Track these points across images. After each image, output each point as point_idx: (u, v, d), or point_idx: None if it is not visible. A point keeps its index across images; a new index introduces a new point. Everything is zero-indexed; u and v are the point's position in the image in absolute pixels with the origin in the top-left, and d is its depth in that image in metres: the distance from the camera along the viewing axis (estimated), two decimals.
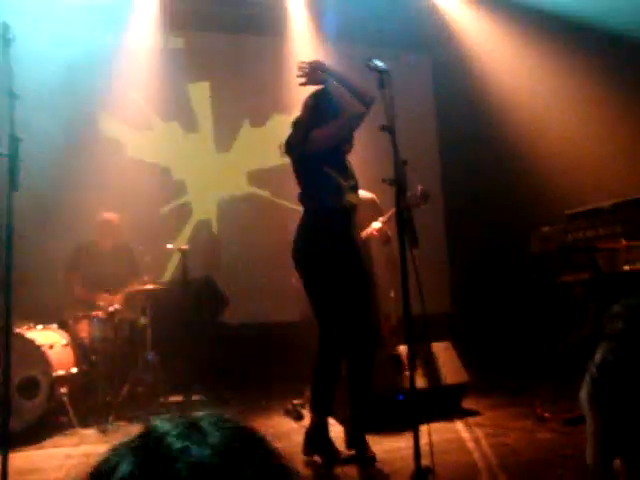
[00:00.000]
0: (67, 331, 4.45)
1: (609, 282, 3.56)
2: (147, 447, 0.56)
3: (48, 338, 4.21)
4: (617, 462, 0.66)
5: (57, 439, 3.88)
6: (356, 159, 3.52)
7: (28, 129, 2.82)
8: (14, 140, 2.54)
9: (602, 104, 5.34)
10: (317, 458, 3.22)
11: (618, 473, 0.66)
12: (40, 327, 4.30)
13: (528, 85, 6.16)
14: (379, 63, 2.67)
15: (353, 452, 3.22)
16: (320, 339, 3.23)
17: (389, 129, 2.50)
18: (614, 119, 5.20)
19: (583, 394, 0.72)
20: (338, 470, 3.12)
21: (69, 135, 5.74)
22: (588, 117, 5.42)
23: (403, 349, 4.01)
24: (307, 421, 4.02)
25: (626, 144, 4.92)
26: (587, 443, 0.72)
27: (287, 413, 4.34)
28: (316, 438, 3.25)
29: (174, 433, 0.57)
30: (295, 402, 4.34)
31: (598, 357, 0.70)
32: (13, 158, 2.52)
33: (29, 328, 4.19)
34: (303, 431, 3.83)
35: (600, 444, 0.68)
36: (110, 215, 5.17)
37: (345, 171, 3.29)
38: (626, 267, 3.54)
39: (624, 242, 3.41)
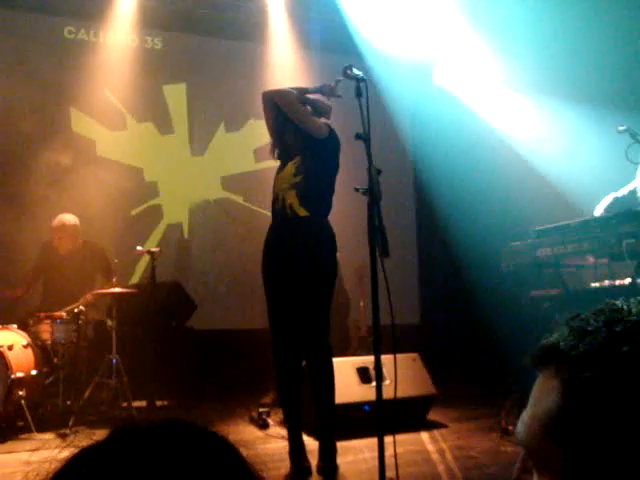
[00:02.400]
0: (27, 332, 4.32)
1: (576, 298, 3.61)
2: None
3: (7, 339, 4.08)
4: None
5: (12, 444, 3.75)
6: None
7: None
8: None
9: (574, 121, 5.44)
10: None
11: None
12: None
13: (504, 100, 6.25)
14: (357, 71, 2.67)
15: (320, 463, 3.18)
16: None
17: (364, 137, 2.50)
18: (586, 138, 5.30)
19: (534, 431, 0.66)
20: None
21: (38, 129, 5.63)
22: (561, 135, 5.52)
23: (371, 359, 4.00)
24: (272, 430, 3.99)
25: (596, 164, 5.02)
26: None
27: (252, 421, 4.29)
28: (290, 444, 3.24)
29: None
30: (261, 410, 4.29)
31: (562, 385, 0.65)
32: None
33: None
34: (268, 440, 3.80)
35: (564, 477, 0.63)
36: (65, 218, 4.94)
37: None
38: (593, 284, 3.59)
39: (591, 259, 3.47)
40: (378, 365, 2.46)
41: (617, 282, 3.41)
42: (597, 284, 3.45)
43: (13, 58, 5.62)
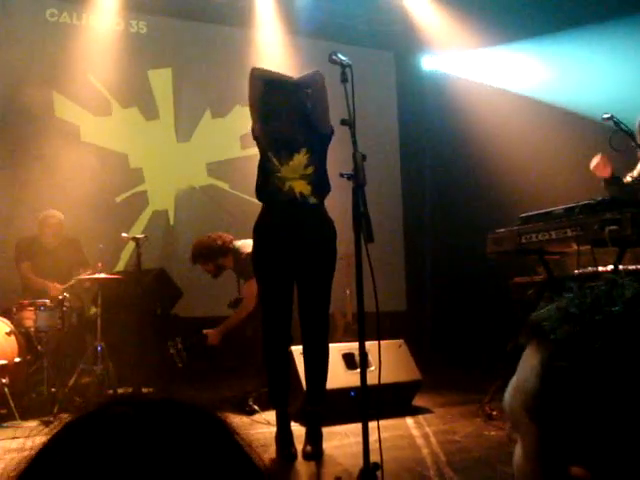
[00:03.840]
0: (11, 319, 4.28)
1: (559, 285, 3.64)
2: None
3: None
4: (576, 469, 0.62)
5: None
6: None
7: None
8: None
9: (559, 112, 5.47)
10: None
11: None
12: None
13: (490, 89, 6.26)
14: (342, 57, 2.65)
15: (306, 448, 3.20)
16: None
17: (349, 123, 2.49)
18: (571, 128, 5.33)
19: (515, 402, 0.67)
20: (285, 467, 3.10)
21: (20, 114, 5.55)
22: (546, 124, 5.54)
23: (357, 346, 4.01)
24: (258, 416, 4.01)
25: (581, 151, 5.05)
26: (519, 457, 0.67)
27: (238, 407, 4.29)
28: (278, 429, 3.25)
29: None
30: (246, 396, 4.29)
31: (541, 363, 0.66)
32: None
33: None
34: (254, 426, 3.81)
35: (546, 458, 0.63)
36: (49, 213, 5.02)
37: None
38: (576, 271, 3.62)
39: (575, 246, 3.49)
40: (362, 351, 2.47)
41: (600, 269, 3.44)
42: (580, 271, 3.48)
43: None
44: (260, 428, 3.75)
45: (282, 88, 3.30)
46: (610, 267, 3.33)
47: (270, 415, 3.56)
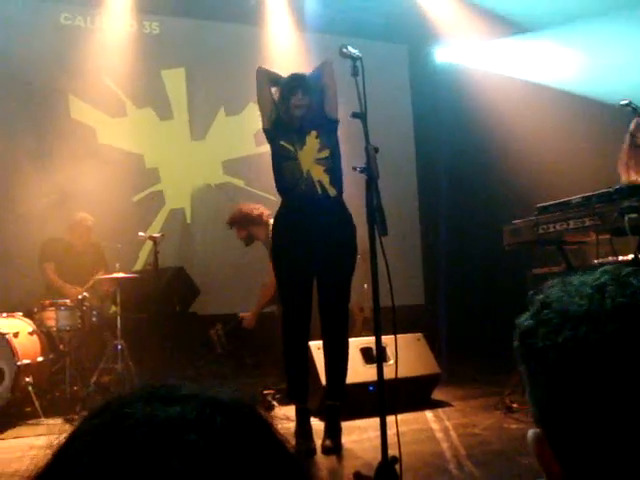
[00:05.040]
0: (33, 319, 4.35)
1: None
2: (106, 419, 0.49)
3: (13, 326, 4.11)
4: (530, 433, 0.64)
5: (20, 429, 3.79)
6: None
7: None
8: None
9: (575, 100, 5.39)
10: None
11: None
12: (4, 315, 4.20)
13: (504, 80, 6.19)
14: (353, 50, 2.64)
15: (325, 443, 3.20)
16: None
17: (360, 116, 2.48)
18: (587, 116, 5.25)
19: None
20: (309, 460, 3.11)
21: (37, 117, 5.62)
22: (562, 113, 5.46)
23: (374, 340, 4.00)
24: (278, 411, 4.02)
25: (598, 139, 4.98)
26: None
27: (258, 402, 4.31)
28: (297, 424, 3.26)
29: (140, 400, 0.50)
30: (266, 392, 4.31)
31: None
32: None
33: None
34: (274, 421, 3.83)
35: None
36: (83, 215, 5.12)
37: None
38: (595, 261, 3.57)
39: (593, 236, 3.44)
40: (379, 345, 2.46)
41: (620, 258, 3.38)
42: (600, 261, 3.43)
43: (7, 45, 5.58)
44: (279, 423, 3.75)
45: (295, 82, 3.34)
46: (631, 256, 3.28)
47: (289, 410, 3.57)
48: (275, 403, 4.18)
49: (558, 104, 5.45)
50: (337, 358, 3.35)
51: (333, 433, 3.23)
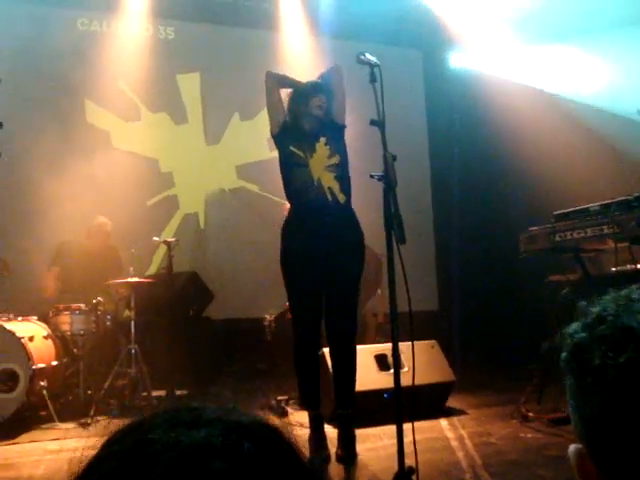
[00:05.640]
0: (47, 323, 4.37)
1: (596, 283, 3.56)
2: (131, 443, 0.49)
3: (28, 330, 4.13)
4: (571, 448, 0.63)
5: (35, 433, 3.80)
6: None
7: (8, 114, 2.75)
8: None
9: (591, 109, 5.34)
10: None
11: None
12: (20, 319, 4.22)
13: (519, 86, 6.15)
14: (370, 57, 2.63)
15: (339, 451, 3.18)
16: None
17: (378, 123, 2.47)
18: (604, 124, 5.20)
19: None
20: (319, 468, 3.09)
21: (53, 122, 5.66)
22: (578, 121, 5.42)
23: (389, 347, 3.98)
24: (291, 418, 4.01)
25: (616, 146, 4.94)
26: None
27: (270, 409, 4.30)
28: (311, 431, 3.25)
29: (163, 424, 0.49)
30: (279, 398, 4.31)
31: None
32: None
33: (8, 319, 4.11)
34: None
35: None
36: (103, 221, 5.19)
37: None
38: (614, 269, 3.53)
39: (611, 244, 3.40)
40: (395, 352, 2.44)
41: (639, 266, 3.35)
42: (618, 269, 3.39)
43: (26, 51, 5.64)
44: (293, 430, 3.74)
45: (315, 87, 3.35)
46: None
47: (303, 417, 3.56)
48: (289, 409, 4.17)
49: (574, 112, 5.40)
50: (345, 367, 3.32)
51: (346, 441, 3.20)
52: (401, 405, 2.40)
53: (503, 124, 6.03)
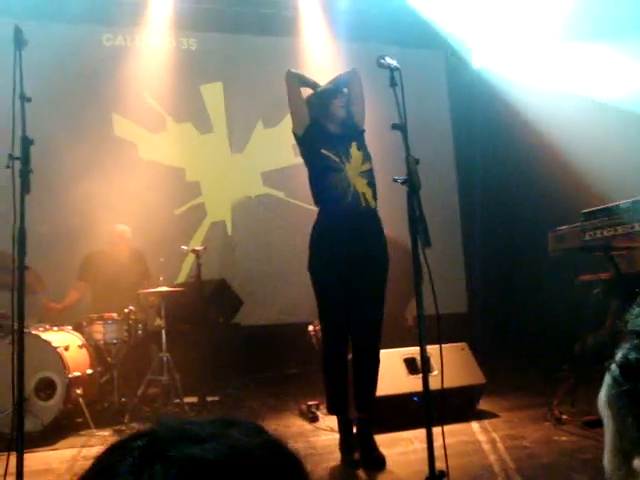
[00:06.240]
0: (82, 333, 4.47)
1: (629, 282, 3.49)
2: (145, 448, 0.51)
3: (64, 340, 4.23)
4: (637, 461, 0.61)
5: (72, 440, 3.89)
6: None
7: (39, 131, 2.82)
8: (26, 142, 2.55)
9: (619, 110, 5.24)
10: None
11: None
12: (55, 329, 4.32)
13: (543, 87, 6.07)
14: (390, 60, 2.64)
15: (361, 455, 3.19)
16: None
17: (400, 127, 2.47)
18: (632, 123, 5.10)
19: (602, 395, 0.66)
20: (349, 473, 3.09)
21: (83, 137, 5.79)
22: (605, 120, 5.32)
23: (418, 350, 3.96)
24: (321, 423, 4.02)
25: None
26: (605, 447, 0.67)
27: (301, 414, 4.32)
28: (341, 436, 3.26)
29: (176, 435, 0.51)
30: (310, 403, 4.32)
31: (620, 355, 0.65)
32: (25, 160, 2.53)
33: (45, 330, 4.22)
34: (317, 432, 3.83)
35: (618, 449, 0.63)
36: (122, 228, 5.25)
37: None
38: None
39: None
40: (423, 355, 2.44)
41: None
42: None
43: (53, 69, 5.77)
44: (324, 435, 3.76)
45: (333, 89, 3.37)
46: None
47: (334, 422, 3.56)
48: (319, 414, 4.18)
49: (601, 111, 5.30)
50: (367, 372, 3.32)
51: (366, 443, 3.20)
52: (430, 408, 2.39)
53: (529, 122, 5.96)
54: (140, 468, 0.49)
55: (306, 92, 3.53)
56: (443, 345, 3.13)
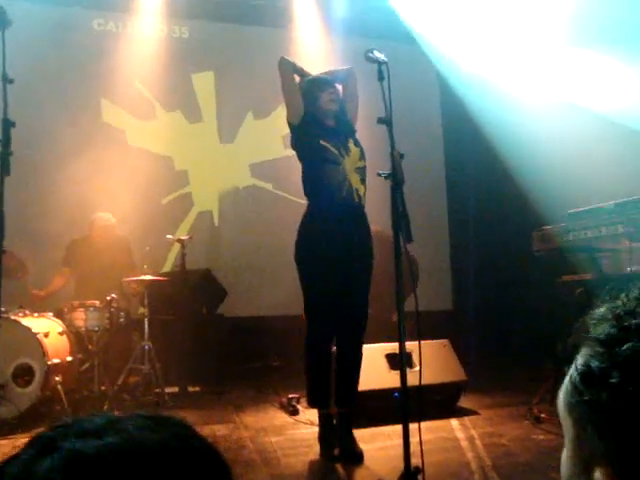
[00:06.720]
0: (62, 319, 4.43)
1: (611, 283, 3.50)
2: (46, 440, 0.53)
3: (44, 326, 4.19)
4: (597, 474, 0.60)
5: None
6: None
7: (27, 114, 2.78)
8: (7, 124, 2.51)
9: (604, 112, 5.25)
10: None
11: None
12: (36, 315, 4.28)
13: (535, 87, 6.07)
14: (379, 54, 2.62)
15: (340, 449, 3.19)
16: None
17: (386, 121, 2.45)
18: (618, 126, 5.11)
19: (561, 400, 0.65)
20: (327, 467, 3.09)
21: (71, 121, 5.73)
22: (592, 117, 5.34)
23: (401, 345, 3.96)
24: (301, 416, 4.01)
25: (631, 143, 4.85)
26: (564, 453, 0.66)
27: (282, 407, 4.32)
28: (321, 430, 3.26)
29: (75, 430, 0.53)
30: (291, 396, 4.31)
31: (581, 362, 0.63)
32: (5, 142, 2.49)
33: (25, 315, 4.17)
34: (297, 426, 3.83)
35: (578, 456, 0.61)
36: (104, 215, 5.17)
37: None
38: (629, 269, 3.48)
39: (627, 243, 3.35)
40: (402, 351, 2.43)
41: None
42: (633, 269, 3.34)
43: (43, 51, 5.70)
44: (304, 428, 3.76)
45: (322, 80, 3.34)
46: None
47: (314, 415, 3.56)
48: (300, 407, 4.18)
49: (587, 113, 5.32)
50: (351, 366, 3.32)
51: (345, 438, 3.20)
52: (407, 404, 2.39)
53: (517, 123, 5.96)
54: (34, 459, 0.51)
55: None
56: (425, 342, 3.13)
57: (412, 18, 6.45)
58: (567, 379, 0.64)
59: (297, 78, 3.43)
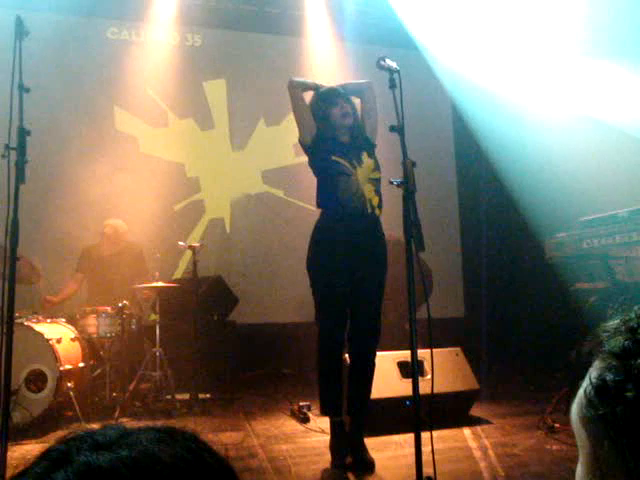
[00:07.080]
0: (75, 325, 4.46)
1: (625, 291, 3.47)
2: (59, 454, 0.52)
3: (56, 332, 4.21)
4: None
5: (60, 433, 3.82)
6: None
7: (42, 122, 2.81)
8: (22, 132, 2.54)
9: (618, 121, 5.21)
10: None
11: None
12: (49, 321, 4.31)
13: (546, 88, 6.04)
14: (390, 62, 2.62)
15: (351, 458, 3.17)
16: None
17: (398, 129, 2.45)
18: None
19: (574, 414, 0.64)
20: (338, 476, 3.07)
21: (84, 129, 5.79)
22: (605, 127, 5.29)
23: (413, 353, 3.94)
24: (312, 424, 3.99)
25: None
26: (579, 466, 0.65)
27: (293, 415, 4.30)
28: (332, 438, 3.24)
29: (88, 443, 0.52)
30: (301, 404, 4.30)
31: (595, 375, 0.62)
32: (21, 150, 2.51)
33: (38, 321, 4.20)
34: (308, 434, 3.81)
35: (594, 471, 0.60)
36: (116, 222, 5.20)
37: None
38: None
39: None
40: (414, 359, 2.42)
41: None
42: None
43: (58, 60, 5.77)
44: (315, 436, 3.74)
45: (332, 94, 3.33)
46: None
47: (325, 423, 3.54)
48: (311, 415, 4.16)
49: (600, 123, 5.28)
50: (363, 374, 3.31)
51: (357, 447, 3.18)
52: (419, 413, 2.37)
53: (529, 130, 5.93)
54: (47, 473, 0.50)
55: (308, 96, 3.48)
56: (437, 350, 3.11)
57: (421, 28, 6.44)
58: (581, 392, 0.63)
59: (310, 93, 3.43)
